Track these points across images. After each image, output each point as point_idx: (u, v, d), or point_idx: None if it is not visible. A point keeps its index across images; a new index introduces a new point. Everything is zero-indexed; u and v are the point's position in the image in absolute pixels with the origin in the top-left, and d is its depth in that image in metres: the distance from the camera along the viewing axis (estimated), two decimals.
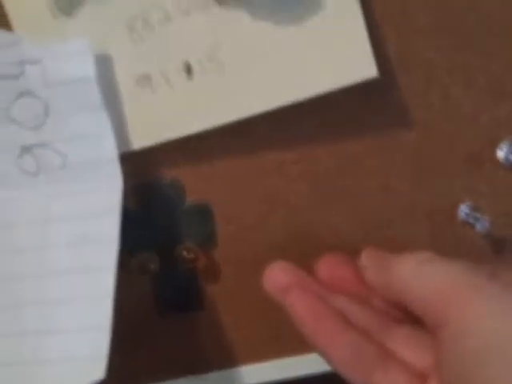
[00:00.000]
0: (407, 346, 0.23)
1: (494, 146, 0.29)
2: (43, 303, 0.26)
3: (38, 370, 0.26)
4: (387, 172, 0.30)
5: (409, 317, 0.24)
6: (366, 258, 0.26)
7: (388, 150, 0.29)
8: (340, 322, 0.24)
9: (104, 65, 0.28)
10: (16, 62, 0.28)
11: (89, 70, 0.27)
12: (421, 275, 0.22)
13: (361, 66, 0.26)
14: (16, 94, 0.28)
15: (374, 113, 0.29)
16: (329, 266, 0.27)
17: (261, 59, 0.27)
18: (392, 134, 0.29)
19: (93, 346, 0.25)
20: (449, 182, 0.30)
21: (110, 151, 0.28)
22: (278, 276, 0.26)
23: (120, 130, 0.28)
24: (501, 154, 0.29)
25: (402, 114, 0.28)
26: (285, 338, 0.33)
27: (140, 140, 0.29)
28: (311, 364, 0.32)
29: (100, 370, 0.25)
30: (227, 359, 0.33)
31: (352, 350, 0.23)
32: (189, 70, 0.28)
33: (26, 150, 0.29)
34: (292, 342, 0.32)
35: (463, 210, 0.30)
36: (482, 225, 0.29)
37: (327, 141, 0.29)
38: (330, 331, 0.24)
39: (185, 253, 0.31)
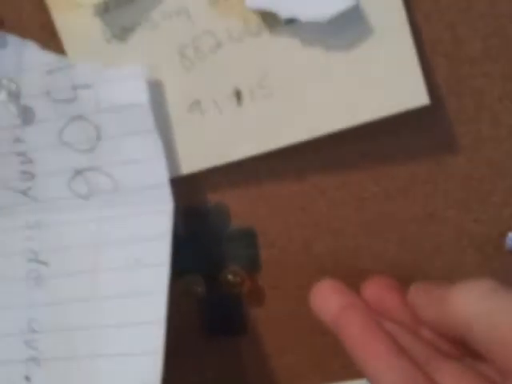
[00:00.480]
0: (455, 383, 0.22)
1: None
2: (94, 328, 0.27)
3: None
4: (434, 199, 0.30)
5: (458, 348, 0.24)
6: (416, 291, 0.25)
7: (435, 177, 0.29)
8: (393, 345, 0.23)
9: (155, 91, 0.28)
10: (69, 86, 0.29)
11: (142, 95, 0.27)
12: (487, 310, 0.21)
13: (412, 94, 0.26)
14: (69, 118, 0.29)
15: (422, 139, 0.29)
16: (376, 289, 0.26)
17: (310, 86, 0.27)
18: (440, 160, 0.29)
19: (145, 372, 0.25)
20: (496, 209, 0.29)
21: (161, 175, 0.28)
22: (326, 295, 0.26)
23: (170, 155, 0.29)
24: None
25: (451, 140, 0.28)
26: (328, 365, 0.32)
27: (189, 165, 0.29)
28: None
29: None
30: None
31: (404, 376, 0.22)
32: (239, 96, 0.28)
33: (78, 173, 0.29)
34: (335, 369, 0.32)
35: None
36: None
37: (373, 167, 0.29)
38: (383, 354, 0.23)
39: (230, 276, 0.31)
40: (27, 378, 0.28)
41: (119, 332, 0.26)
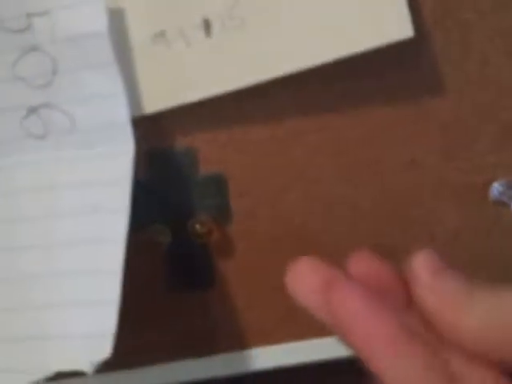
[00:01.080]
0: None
1: None
2: (49, 276, 0.25)
3: (43, 345, 0.24)
4: (415, 145, 0.28)
5: None
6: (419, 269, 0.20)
7: (417, 121, 0.27)
8: (403, 328, 0.19)
9: (117, 19, 0.26)
10: (22, 14, 0.26)
11: (101, 23, 0.25)
12: None
13: (396, 26, 0.24)
14: (22, 50, 0.26)
15: (404, 80, 0.27)
16: (364, 264, 0.21)
17: (287, 17, 0.25)
18: (423, 102, 0.27)
19: (100, 323, 0.23)
20: (481, 157, 0.28)
21: (122, 114, 0.26)
22: (306, 272, 0.21)
23: (132, 92, 0.26)
24: None
25: (435, 81, 0.26)
26: (299, 320, 0.31)
27: (153, 103, 0.27)
28: (325, 349, 0.30)
29: (107, 347, 0.23)
30: (237, 341, 0.31)
31: (420, 364, 0.18)
32: (208, 27, 0.26)
33: (33, 110, 0.27)
34: (306, 325, 0.31)
35: (497, 187, 0.28)
36: None
37: (352, 109, 0.27)
38: (392, 338, 0.18)
39: (198, 226, 0.29)
40: None
41: (74, 281, 0.25)
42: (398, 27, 0.24)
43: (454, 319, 0.18)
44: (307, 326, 0.30)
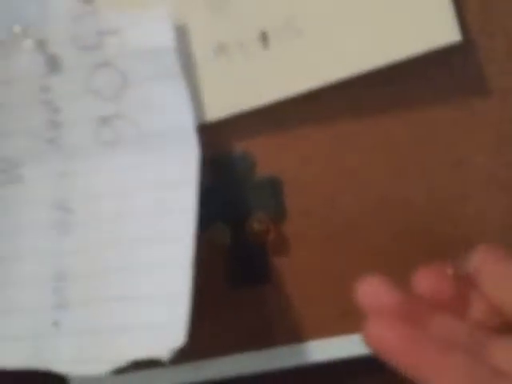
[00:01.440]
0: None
1: None
2: (124, 270, 0.27)
3: (120, 335, 0.26)
4: (463, 144, 0.29)
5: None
6: (484, 259, 0.22)
7: (466, 120, 0.29)
8: (443, 345, 0.20)
9: (181, 34, 0.28)
10: (94, 32, 0.29)
11: (168, 38, 0.27)
12: None
13: (444, 31, 0.25)
14: (95, 65, 0.29)
15: (452, 82, 0.28)
16: (429, 280, 0.23)
17: (339, 25, 0.27)
18: (471, 102, 0.28)
19: (173, 313, 0.25)
20: None
21: (187, 121, 0.28)
22: (373, 293, 0.24)
23: (196, 101, 0.29)
24: None
25: (482, 81, 0.28)
26: (350, 317, 0.32)
27: (215, 111, 0.29)
28: None
29: (180, 336, 0.25)
30: (292, 334, 0.32)
31: (465, 371, 0.20)
32: (265, 38, 0.28)
33: (105, 120, 0.29)
34: (358, 321, 0.32)
35: None
36: None
37: (402, 111, 0.29)
38: (433, 357, 0.20)
39: (256, 225, 0.31)
40: (55, 324, 0.29)
41: (148, 275, 0.27)
42: (446, 32, 0.25)
43: None
44: (359, 321, 0.32)
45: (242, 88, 0.28)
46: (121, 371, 0.31)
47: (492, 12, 0.27)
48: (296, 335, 0.32)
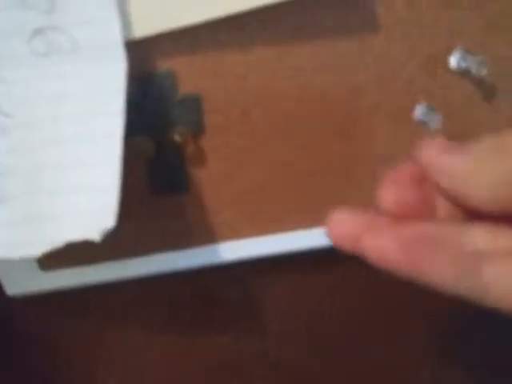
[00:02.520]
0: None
1: (448, 52, 0.34)
2: (59, 166, 0.30)
3: (54, 222, 0.29)
4: (357, 72, 0.34)
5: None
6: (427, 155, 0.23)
7: (358, 53, 0.34)
8: (433, 241, 0.21)
9: None
10: None
11: None
12: None
13: None
14: None
15: (348, 19, 0.33)
16: (392, 194, 0.24)
17: None
18: (361, 38, 0.33)
19: (103, 201, 0.29)
20: (407, 83, 0.35)
21: (115, 36, 0.31)
22: (344, 226, 0.24)
23: (124, 19, 0.31)
24: (453, 60, 0.34)
25: (371, 20, 0.33)
26: (262, 219, 0.37)
27: (141, 29, 0.32)
28: (287, 241, 0.37)
29: (110, 219, 0.28)
30: (207, 236, 0.37)
31: (454, 263, 0.21)
32: None
33: (38, 32, 0.31)
34: (268, 222, 0.37)
35: (419, 109, 0.35)
36: (435, 123, 0.35)
37: (306, 41, 0.34)
38: (426, 257, 0.21)
39: (177, 137, 0.35)
40: None
41: (81, 169, 0.30)
42: None
43: (468, 188, 0.21)
44: (271, 223, 0.37)
45: (166, 8, 0.32)
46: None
47: None
48: (211, 237, 0.37)
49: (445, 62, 0.34)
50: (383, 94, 0.35)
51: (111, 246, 0.32)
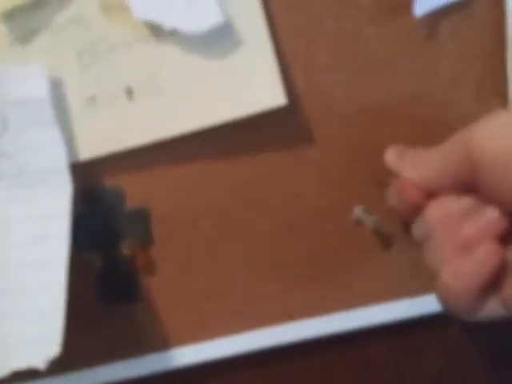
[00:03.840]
0: None
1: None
2: (5, 292, 0.31)
3: (2, 350, 0.30)
4: (297, 181, 0.36)
5: None
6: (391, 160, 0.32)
7: (297, 163, 0.36)
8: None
9: (56, 87, 0.33)
10: None
11: (43, 90, 0.32)
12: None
13: (273, 95, 0.32)
14: None
15: (286, 135, 0.35)
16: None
17: (190, 86, 0.33)
18: (300, 151, 0.35)
19: (49, 329, 0.29)
20: (344, 189, 0.36)
21: (61, 161, 0.32)
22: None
23: (70, 143, 0.33)
24: None
25: (308, 133, 0.35)
26: (211, 324, 0.38)
27: (87, 151, 0.34)
28: (234, 343, 0.37)
29: (55, 347, 0.29)
30: (160, 343, 0.37)
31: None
32: (130, 93, 0.33)
33: None
34: (217, 327, 0.38)
35: (356, 212, 0.37)
36: (371, 223, 0.36)
37: (247, 156, 0.35)
38: None
39: (126, 250, 0.36)
40: None
41: (26, 295, 0.31)
42: (274, 97, 0.32)
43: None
44: (220, 327, 0.37)
45: (109, 133, 0.33)
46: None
47: (314, 81, 0.34)
48: (162, 343, 0.38)
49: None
50: (323, 198, 0.36)
51: (63, 359, 0.32)
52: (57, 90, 0.32)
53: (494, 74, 0.35)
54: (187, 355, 0.38)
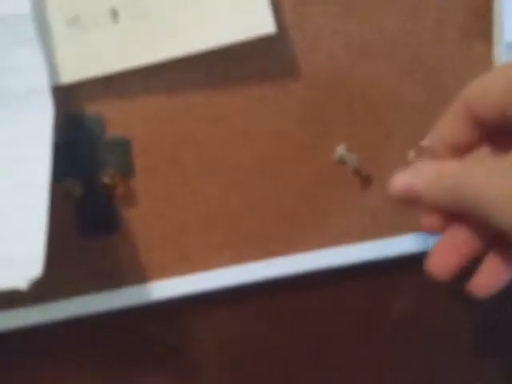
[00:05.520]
0: None
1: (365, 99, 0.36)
2: None
3: None
4: (278, 116, 0.36)
5: None
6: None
7: (280, 98, 0.36)
8: None
9: (39, 4, 0.31)
10: None
11: (25, 6, 0.30)
12: None
13: (263, 23, 0.32)
14: None
15: (271, 66, 0.35)
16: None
17: (179, 10, 0.32)
18: (285, 85, 0.35)
19: (30, 250, 0.29)
20: (326, 126, 0.37)
21: (43, 82, 0.31)
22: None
23: (51, 65, 0.32)
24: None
25: (294, 67, 0.35)
26: (190, 258, 0.38)
27: (69, 75, 0.33)
28: (214, 278, 0.38)
29: (37, 268, 0.28)
30: (139, 276, 0.37)
31: None
32: (115, 15, 0.32)
33: None
34: (196, 261, 0.38)
35: (339, 150, 0.37)
36: (352, 163, 0.37)
37: (231, 87, 0.35)
38: None
39: (106, 179, 0.35)
40: None
41: (8, 217, 0.30)
42: (264, 25, 0.32)
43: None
44: (198, 262, 0.38)
45: (92, 56, 0.32)
46: None
47: (302, 11, 0.34)
48: (141, 277, 0.37)
49: (362, 107, 0.36)
50: (305, 135, 0.37)
51: (42, 288, 0.32)
52: (39, 7, 0.31)
53: (478, 16, 0.35)
54: (165, 289, 0.38)
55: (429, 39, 0.35)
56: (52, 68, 0.32)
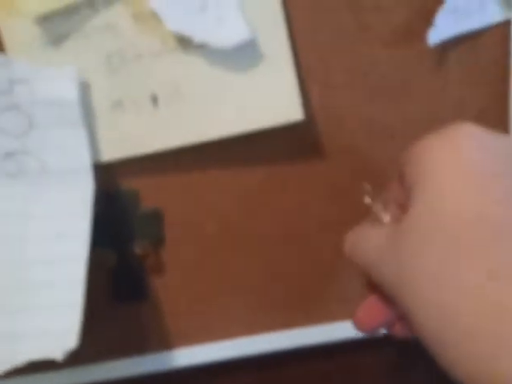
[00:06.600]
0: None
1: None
2: (25, 287, 0.31)
3: (19, 340, 0.31)
4: (305, 193, 0.38)
5: None
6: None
7: (306, 176, 0.37)
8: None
9: (84, 90, 0.34)
10: (6, 80, 0.33)
11: (72, 92, 0.33)
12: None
13: (291, 110, 0.34)
14: (4, 108, 0.33)
15: (298, 148, 0.37)
16: None
17: (212, 97, 0.34)
18: (309, 164, 0.37)
19: (67, 322, 0.30)
20: (352, 201, 0.38)
21: (85, 162, 0.33)
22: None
23: (93, 144, 0.34)
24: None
25: (318, 149, 0.37)
26: (215, 327, 0.39)
27: (109, 153, 0.35)
28: (236, 347, 0.39)
29: (73, 340, 0.30)
30: (164, 342, 0.39)
31: None
32: (155, 100, 0.34)
33: (9, 155, 0.34)
34: (221, 330, 0.39)
35: None
36: None
37: (258, 165, 0.37)
38: None
39: (138, 249, 0.37)
40: None
41: (47, 289, 0.31)
42: (292, 112, 0.34)
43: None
44: (222, 330, 0.39)
45: (132, 136, 0.35)
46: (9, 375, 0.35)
47: (327, 98, 0.36)
48: (166, 343, 0.39)
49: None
50: (329, 211, 0.38)
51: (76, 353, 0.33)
52: (85, 93, 0.34)
53: (497, 102, 0.37)
54: (188, 356, 0.39)
55: (448, 123, 0.37)
56: (94, 146, 0.34)
